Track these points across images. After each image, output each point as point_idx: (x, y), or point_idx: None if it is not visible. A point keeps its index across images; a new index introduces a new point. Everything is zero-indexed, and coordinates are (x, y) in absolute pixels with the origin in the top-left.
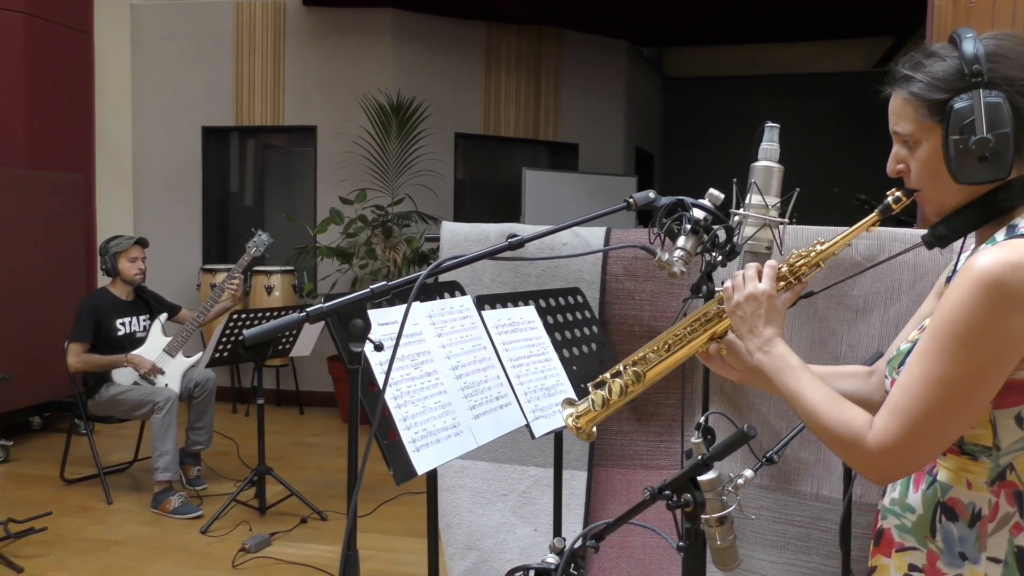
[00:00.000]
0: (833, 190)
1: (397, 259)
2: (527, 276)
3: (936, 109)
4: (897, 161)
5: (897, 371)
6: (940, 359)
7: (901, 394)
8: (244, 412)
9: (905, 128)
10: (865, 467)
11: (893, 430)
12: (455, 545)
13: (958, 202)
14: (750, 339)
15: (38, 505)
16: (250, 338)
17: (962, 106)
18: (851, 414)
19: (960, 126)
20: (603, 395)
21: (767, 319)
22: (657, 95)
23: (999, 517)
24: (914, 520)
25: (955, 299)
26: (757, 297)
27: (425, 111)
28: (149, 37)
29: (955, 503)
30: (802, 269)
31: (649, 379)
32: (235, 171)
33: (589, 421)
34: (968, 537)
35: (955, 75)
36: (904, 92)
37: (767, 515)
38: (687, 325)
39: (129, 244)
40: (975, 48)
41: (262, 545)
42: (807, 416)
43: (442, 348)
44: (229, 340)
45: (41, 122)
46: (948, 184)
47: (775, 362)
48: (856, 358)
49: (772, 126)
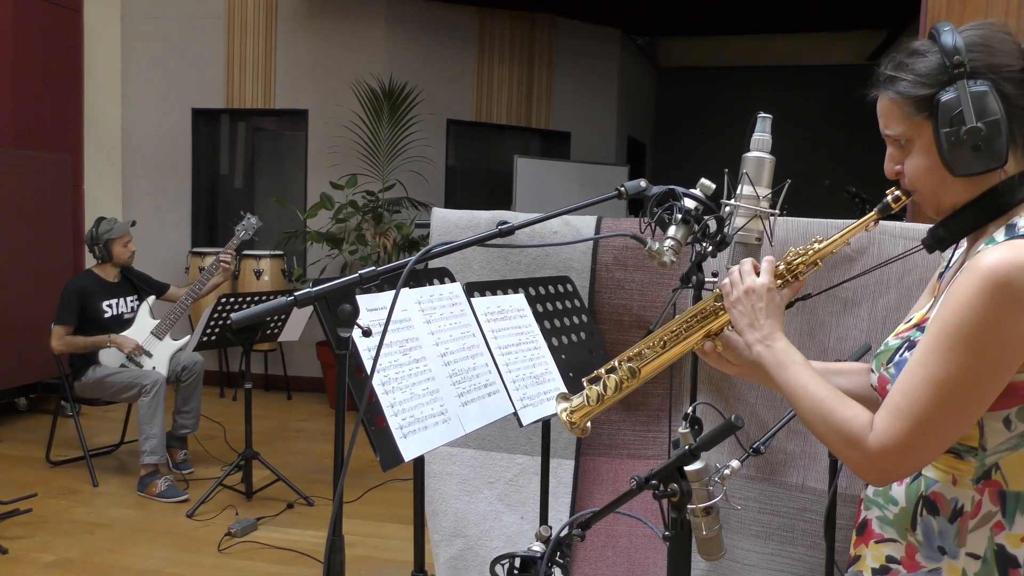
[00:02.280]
0: (824, 183)
1: (387, 245)
2: (517, 264)
3: (923, 105)
4: (893, 162)
5: (885, 367)
6: (944, 360)
7: (903, 395)
8: (231, 396)
9: (895, 129)
10: (864, 467)
11: (894, 431)
12: (441, 532)
13: (957, 199)
14: (750, 332)
15: (23, 487)
16: (237, 321)
17: (949, 98)
18: (851, 412)
19: (949, 118)
20: (598, 391)
21: (767, 312)
22: (650, 85)
23: (981, 515)
24: (896, 512)
25: (960, 299)
26: (756, 290)
27: (417, 97)
28: (140, 16)
29: (937, 497)
30: (800, 267)
31: (644, 375)
32: (225, 154)
33: (583, 416)
34: (948, 532)
35: (938, 69)
36: (890, 93)
37: (752, 505)
38: (683, 322)
39: (124, 229)
40: (954, 40)
41: (248, 529)
42: (807, 413)
43: (431, 335)
44: (217, 324)
45: (28, 101)
46: (945, 180)
47: (776, 356)
48: (844, 350)
49: (764, 117)
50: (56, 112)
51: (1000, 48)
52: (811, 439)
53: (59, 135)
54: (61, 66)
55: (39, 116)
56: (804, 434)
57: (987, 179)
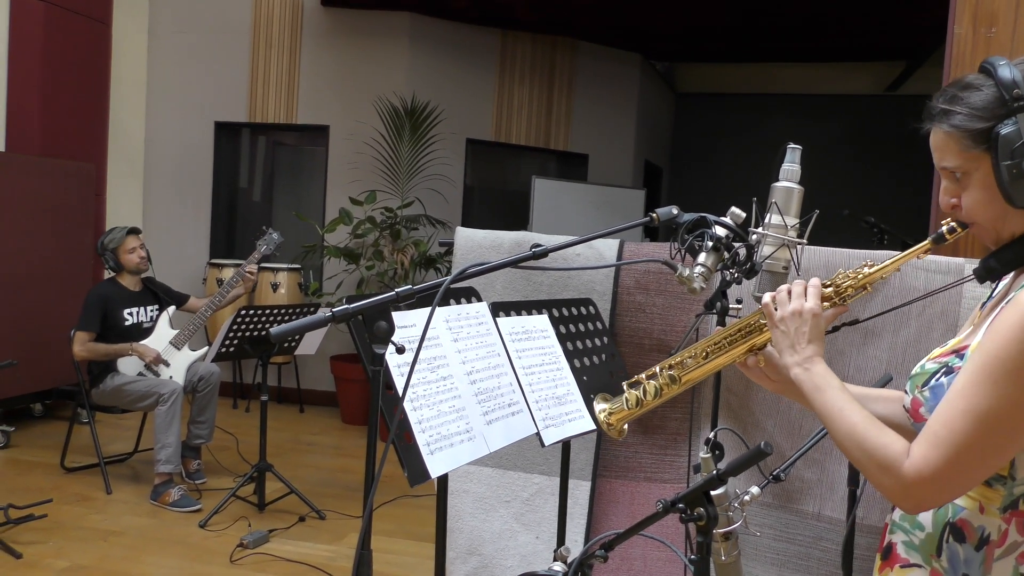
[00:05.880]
0: (843, 212)
1: (404, 261)
2: (539, 285)
3: (981, 138)
4: (949, 195)
5: (920, 390)
6: (987, 393)
7: (942, 425)
8: (245, 408)
9: (951, 162)
10: (899, 495)
11: (932, 460)
12: (456, 549)
13: (1015, 228)
14: (790, 354)
15: (38, 492)
16: (276, 336)
17: (1009, 131)
18: (888, 439)
19: (1010, 150)
20: (637, 395)
21: (810, 336)
22: (668, 109)
23: (1007, 544)
24: (922, 538)
25: (1005, 334)
26: (803, 314)
27: (438, 116)
28: (166, 29)
29: (964, 525)
30: (848, 291)
31: (685, 382)
32: (245, 167)
33: (621, 419)
34: (973, 560)
35: (995, 102)
36: (945, 126)
37: (768, 532)
38: (727, 334)
39: (122, 236)
40: (1011, 73)
41: (260, 541)
42: (843, 437)
43: (458, 353)
44: (236, 335)
45: (56, 110)
46: (1006, 212)
47: (814, 380)
48: (863, 380)
49: (794, 148)
50: (81, 122)
51: None
52: (828, 468)
53: (83, 144)
54: (88, 77)
55: (65, 125)
56: (821, 462)
57: None
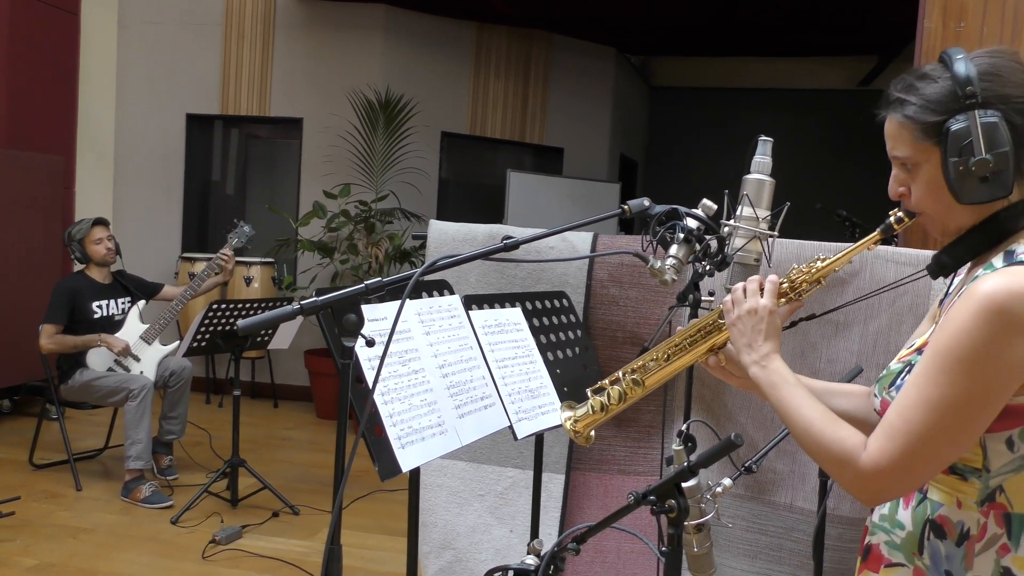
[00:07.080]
0: (816, 206)
1: (379, 255)
2: (512, 278)
3: (932, 131)
4: (898, 184)
5: (887, 391)
6: (939, 383)
7: (898, 416)
8: (218, 403)
9: (903, 151)
10: (857, 487)
11: (888, 452)
12: (430, 544)
13: (962, 222)
14: (747, 353)
15: (6, 489)
16: (244, 328)
17: (959, 128)
18: (844, 432)
19: (959, 147)
20: (602, 400)
21: (766, 334)
22: (643, 103)
23: (987, 537)
24: (903, 537)
25: (957, 324)
26: (758, 312)
27: (413, 108)
28: (136, 20)
29: (944, 521)
30: (803, 285)
31: (649, 386)
32: (218, 160)
33: (587, 425)
34: (955, 556)
35: (949, 96)
36: (898, 115)
37: (741, 524)
38: (687, 335)
39: (88, 227)
40: (967, 69)
41: (233, 537)
42: (801, 433)
43: (429, 346)
44: (208, 330)
45: (22, 102)
46: (951, 205)
47: (771, 377)
48: (834, 373)
49: (765, 140)
50: (49, 114)
51: (1010, 78)
52: (800, 459)
53: (52, 136)
54: (56, 68)
55: (32, 117)
56: (793, 454)
57: (991, 205)
